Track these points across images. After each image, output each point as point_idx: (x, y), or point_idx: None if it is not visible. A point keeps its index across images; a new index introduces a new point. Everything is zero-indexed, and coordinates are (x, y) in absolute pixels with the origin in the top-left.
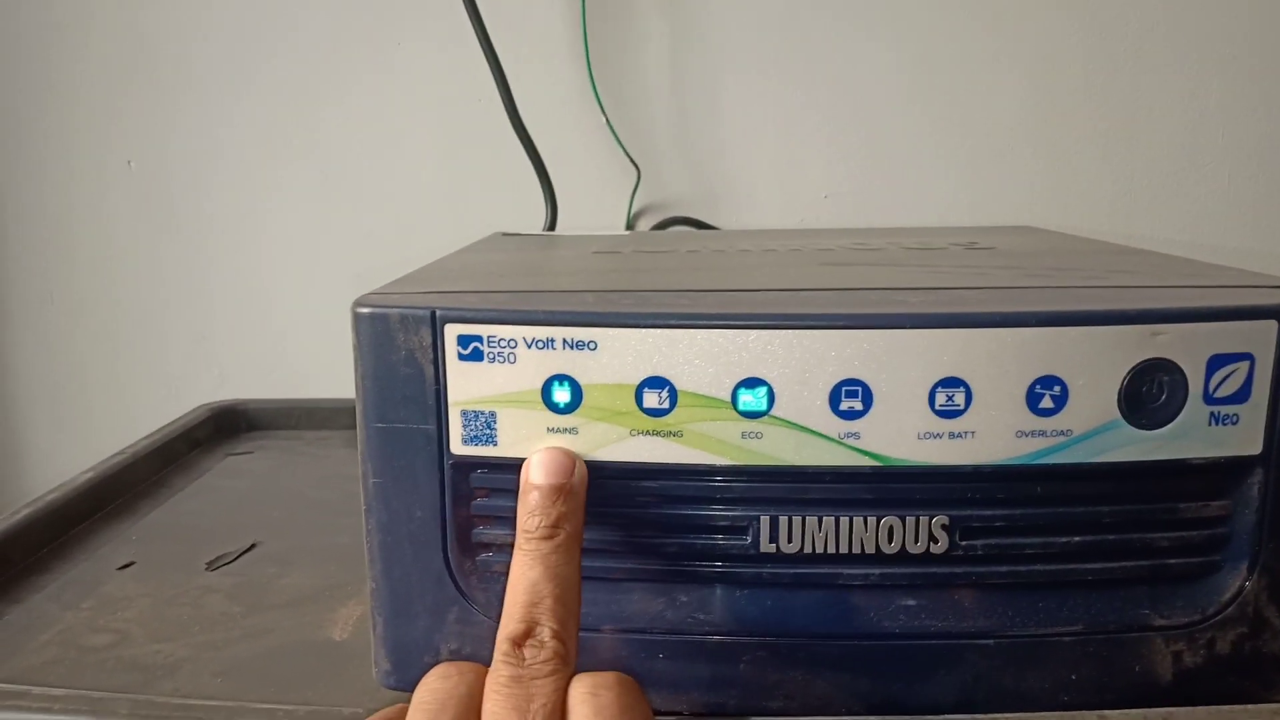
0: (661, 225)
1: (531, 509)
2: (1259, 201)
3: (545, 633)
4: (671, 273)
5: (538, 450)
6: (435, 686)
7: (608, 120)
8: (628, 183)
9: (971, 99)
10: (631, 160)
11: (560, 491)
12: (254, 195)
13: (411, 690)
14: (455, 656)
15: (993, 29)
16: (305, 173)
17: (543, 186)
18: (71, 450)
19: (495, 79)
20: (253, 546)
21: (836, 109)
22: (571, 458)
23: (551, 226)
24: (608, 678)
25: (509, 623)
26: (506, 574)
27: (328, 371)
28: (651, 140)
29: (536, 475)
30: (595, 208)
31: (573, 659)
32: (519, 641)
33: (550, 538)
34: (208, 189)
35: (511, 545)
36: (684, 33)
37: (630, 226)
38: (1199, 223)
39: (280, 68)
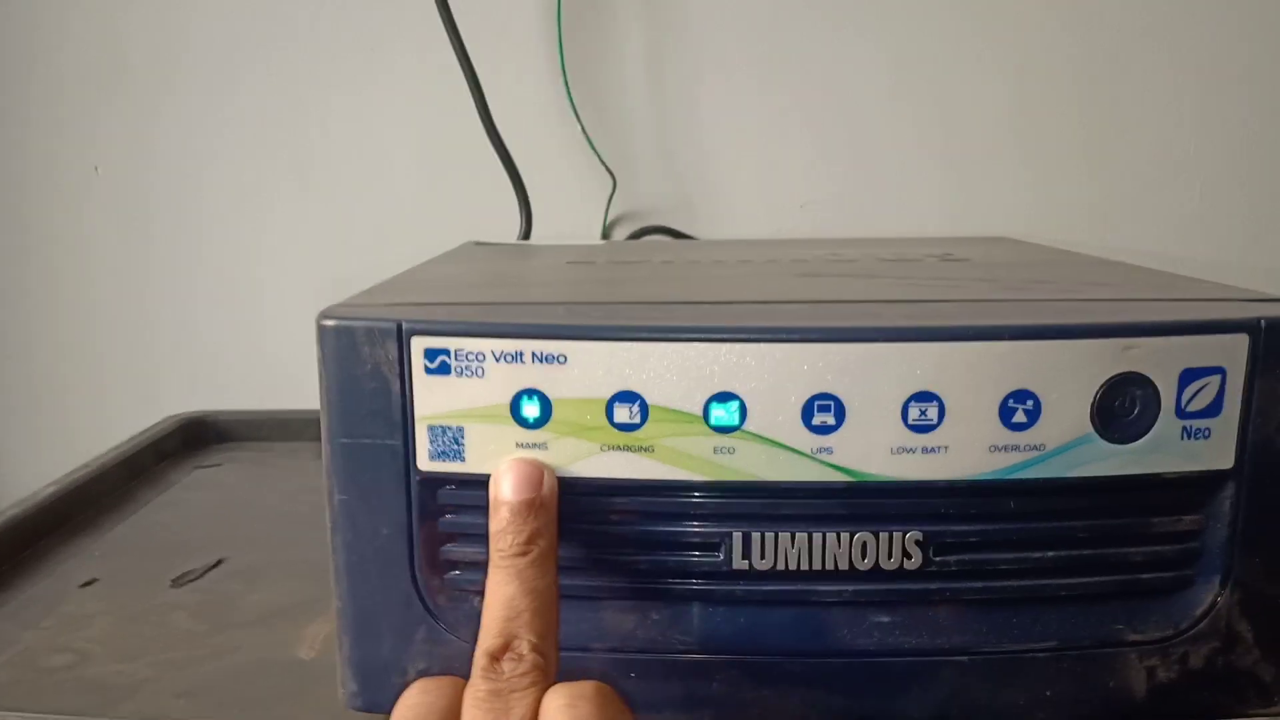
0: (637, 234)
1: (503, 526)
2: (1233, 213)
3: (524, 645)
4: (644, 284)
5: (505, 463)
6: (413, 702)
7: (583, 128)
8: (603, 191)
9: (951, 108)
10: (607, 168)
11: (531, 507)
12: (231, 203)
13: (379, 711)
14: (424, 676)
15: (973, 39)
16: (281, 180)
17: (517, 195)
18: (46, 460)
19: (470, 87)
20: (219, 562)
21: (815, 117)
22: (540, 469)
23: (526, 235)
24: (585, 687)
25: (486, 638)
26: (476, 593)
27: (306, 380)
28: (627, 149)
29: (505, 491)
30: (570, 216)
31: (553, 672)
32: (497, 656)
33: (524, 554)
34: (184, 197)
35: (482, 563)
36: (661, 42)
37: (605, 235)
38: (1175, 233)
39: (258, 76)
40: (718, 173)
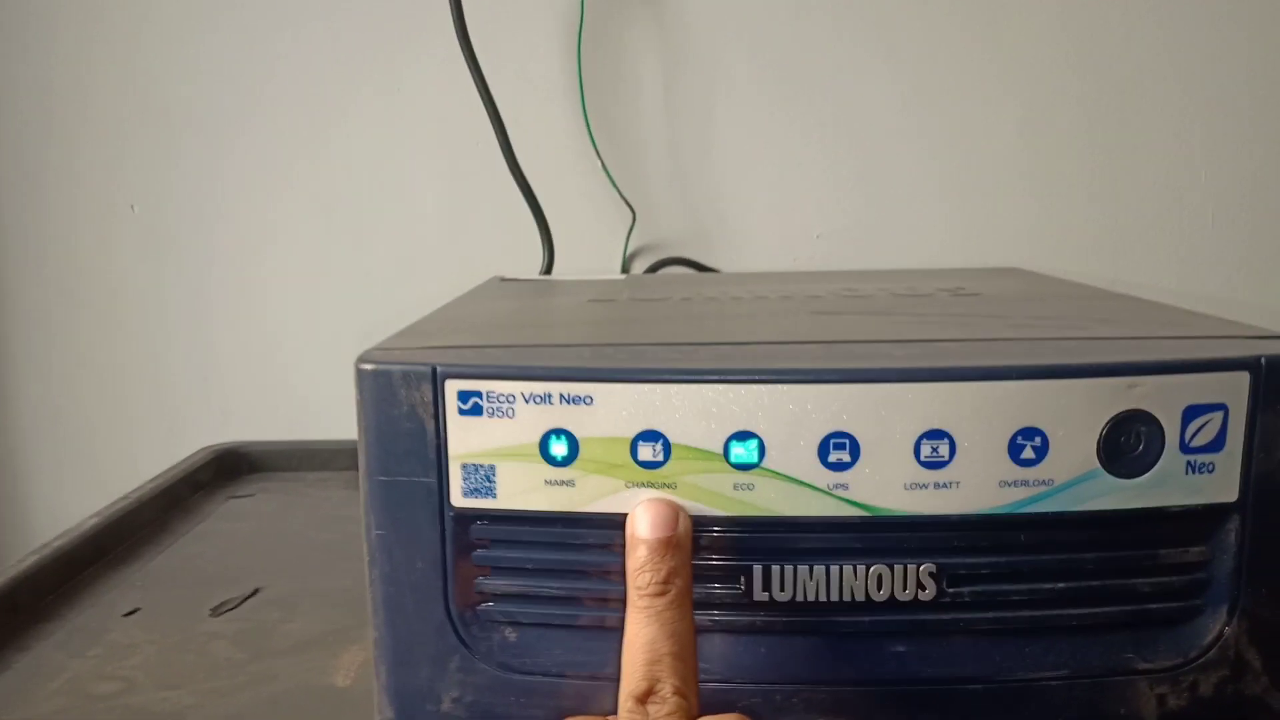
0: (656, 266)
1: (640, 565)
2: (1242, 243)
3: (667, 689)
4: (665, 323)
5: (641, 503)
6: None
7: (603, 164)
8: (623, 225)
9: (964, 139)
10: (626, 202)
11: (668, 546)
12: (256, 238)
13: None
14: (457, 705)
15: (984, 73)
16: (306, 215)
17: (540, 229)
18: (75, 492)
19: (493, 124)
20: (256, 591)
21: (829, 150)
22: (675, 509)
23: (548, 269)
24: (730, 719)
25: (630, 680)
26: (507, 624)
27: (329, 411)
28: (646, 183)
29: (643, 529)
30: (591, 249)
31: (695, 712)
32: (642, 699)
33: (663, 594)
34: (210, 232)
35: (513, 595)
36: (677, 78)
37: (625, 268)
38: (1184, 263)
39: (282, 113)
40: (734, 205)
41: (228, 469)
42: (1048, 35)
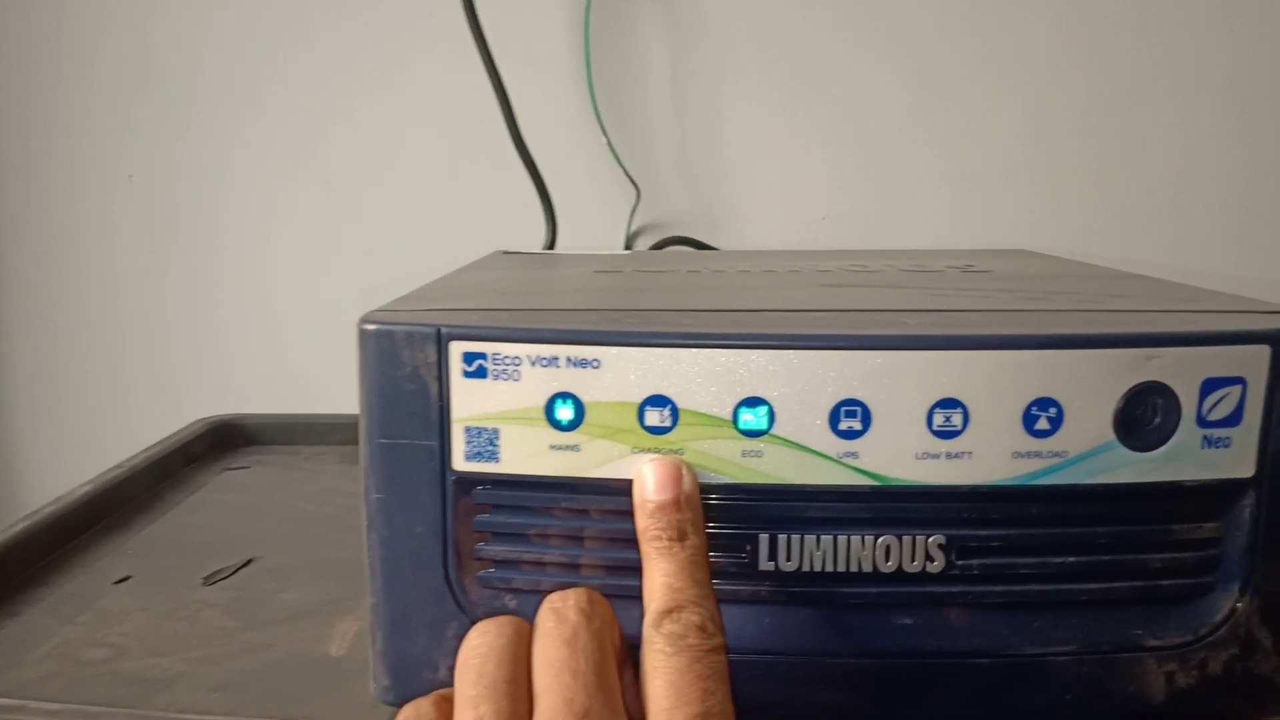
0: (660, 245)
1: (650, 525)
2: (1250, 228)
3: (690, 608)
4: (673, 292)
5: (645, 464)
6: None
7: (608, 140)
8: (627, 202)
9: (970, 124)
10: (631, 180)
11: (676, 506)
12: (257, 211)
13: None
14: (454, 672)
15: (992, 57)
16: (309, 189)
17: (543, 205)
18: (72, 464)
19: (498, 99)
20: (250, 561)
21: (836, 132)
22: (679, 468)
23: (551, 245)
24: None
25: (655, 605)
26: (508, 590)
27: (329, 386)
28: (651, 161)
29: (650, 492)
30: (595, 227)
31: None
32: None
33: (679, 541)
34: (211, 204)
35: (514, 561)
36: (685, 57)
37: (629, 246)
38: (1192, 249)
39: (286, 85)
40: (739, 186)
41: (223, 441)
42: (1055, 21)
